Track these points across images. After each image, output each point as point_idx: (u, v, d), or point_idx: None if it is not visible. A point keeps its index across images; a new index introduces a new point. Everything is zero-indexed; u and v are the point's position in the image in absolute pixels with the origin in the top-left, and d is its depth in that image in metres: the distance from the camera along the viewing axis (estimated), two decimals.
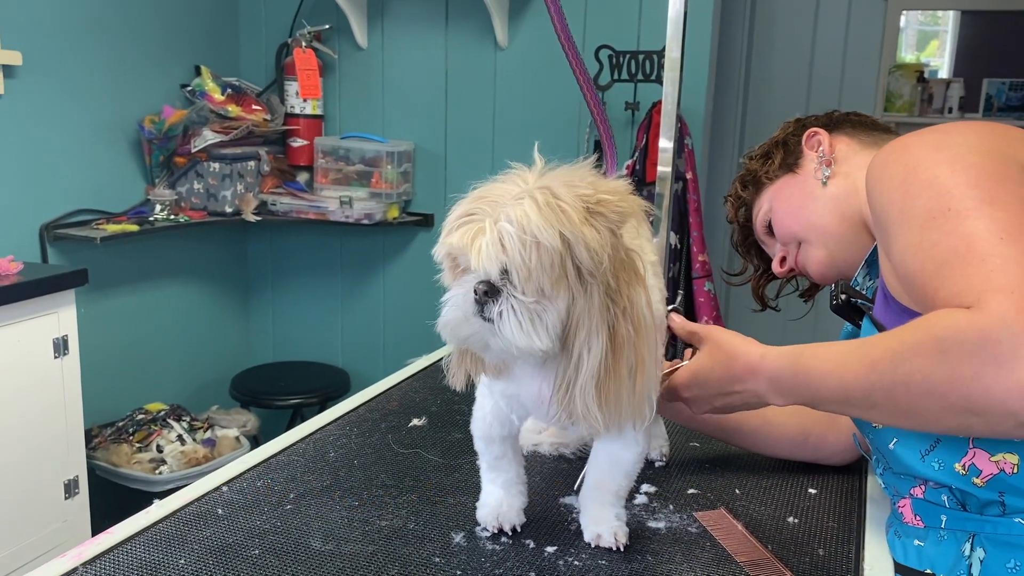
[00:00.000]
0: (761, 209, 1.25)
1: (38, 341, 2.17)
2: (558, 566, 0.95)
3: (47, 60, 2.59)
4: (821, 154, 1.18)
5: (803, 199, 1.19)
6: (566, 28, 0.88)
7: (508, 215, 0.82)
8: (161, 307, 3.11)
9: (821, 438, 1.22)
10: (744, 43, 3.55)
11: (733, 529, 1.04)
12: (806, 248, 1.19)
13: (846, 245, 1.15)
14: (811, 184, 1.18)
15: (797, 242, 1.21)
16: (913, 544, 0.98)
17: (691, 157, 2.76)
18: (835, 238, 1.16)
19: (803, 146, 1.22)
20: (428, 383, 1.54)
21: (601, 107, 0.92)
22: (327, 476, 1.15)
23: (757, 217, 1.26)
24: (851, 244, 1.15)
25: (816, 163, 1.19)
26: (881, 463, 1.06)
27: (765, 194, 1.25)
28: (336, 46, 3.24)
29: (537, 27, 3.01)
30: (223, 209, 2.99)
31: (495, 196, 0.85)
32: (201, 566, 0.93)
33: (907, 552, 0.99)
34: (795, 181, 1.21)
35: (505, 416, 0.98)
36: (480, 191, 0.87)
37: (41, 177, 2.62)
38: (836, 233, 1.15)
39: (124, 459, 2.68)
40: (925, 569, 0.96)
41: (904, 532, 1.00)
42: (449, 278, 0.88)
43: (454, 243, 0.84)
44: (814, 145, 1.20)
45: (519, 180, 0.88)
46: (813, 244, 1.18)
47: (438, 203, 3.22)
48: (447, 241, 0.85)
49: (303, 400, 3.08)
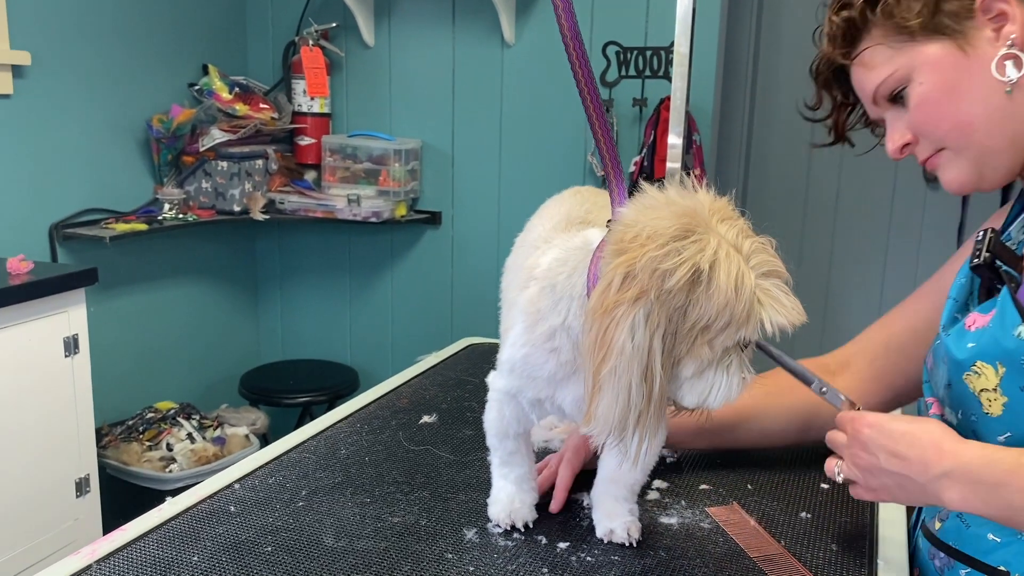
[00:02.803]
0: (894, 73, 0.93)
1: (48, 340, 2.17)
2: (571, 562, 0.95)
3: (55, 60, 2.59)
4: (1009, 42, 0.87)
5: (971, 99, 0.89)
6: (576, 31, 0.84)
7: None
8: (170, 306, 3.12)
9: (826, 422, 1.14)
10: (752, 38, 3.53)
11: (746, 524, 1.04)
12: (950, 157, 0.94)
13: (1004, 172, 0.92)
14: (986, 81, 0.88)
15: (939, 143, 0.94)
16: (987, 536, 0.91)
17: (699, 153, 2.75)
18: (995, 162, 0.91)
19: (976, 10, 0.88)
20: (438, 380, 1.54)
21: (608, 127, 0.87)
22: (338, 473, 1.15)
23: (879, 75, 0.94)
24: (1010, 170, 0.92)
25: (997, 50, 0.88)
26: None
27: (906, 53, 0.92)
28: (343, 44, 3.24)
29: (544, 24, 3.01)
30: (231, 208, 2.99)
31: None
32: (214, 563, 0.93)
33: (979, 544, 0.91)
34: (962, 64, 0.89)
35: (524, 414, 0.97)
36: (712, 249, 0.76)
37: (50, 177, 2.62)
38: (999, 157, 0.91)
39: (134, 457, 2.69)
40: (998, 565, 0.89)
41: (975, 521, 0.91)
42: (709, 352, 0.77)
43: (793, 318, 0.76)
44: (998, 19, 0.88)
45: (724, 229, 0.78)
46: (962, 158, 0.92)
47: (446, 201, 3.22)
48: (778, 320, 0.76)
49: (312, 398, 3.08)
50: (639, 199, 0.82)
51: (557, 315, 0.87)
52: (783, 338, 0.78)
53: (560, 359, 0.89)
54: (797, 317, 0.76)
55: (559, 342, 0.88)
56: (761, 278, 0.76)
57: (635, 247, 0.76)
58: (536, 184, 3.05)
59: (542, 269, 0.91)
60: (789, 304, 0.76)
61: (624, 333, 0.75)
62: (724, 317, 0.75)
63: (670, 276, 0.74)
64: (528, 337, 0.90)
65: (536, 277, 0.91)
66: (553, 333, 0.88)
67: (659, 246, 0.75)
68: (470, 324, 3.15)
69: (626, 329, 0.75)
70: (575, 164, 3.03)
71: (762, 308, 0.75)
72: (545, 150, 3.06)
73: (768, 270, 0.77)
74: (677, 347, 0.76)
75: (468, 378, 1.54)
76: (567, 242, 0.92)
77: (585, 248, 0.88)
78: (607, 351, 0.76)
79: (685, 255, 0.74)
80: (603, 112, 0.88)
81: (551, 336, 0.88)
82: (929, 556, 0.99)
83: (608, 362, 0.76)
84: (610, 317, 0.75)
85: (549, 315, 0.88)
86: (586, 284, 0.85)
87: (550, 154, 3.06)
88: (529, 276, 0.92)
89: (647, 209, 0.79)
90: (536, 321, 0.89)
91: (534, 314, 0.89)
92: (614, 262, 0.77)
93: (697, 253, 0.74)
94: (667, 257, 0.74)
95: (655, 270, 0.74)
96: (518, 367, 0.93)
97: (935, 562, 0.98)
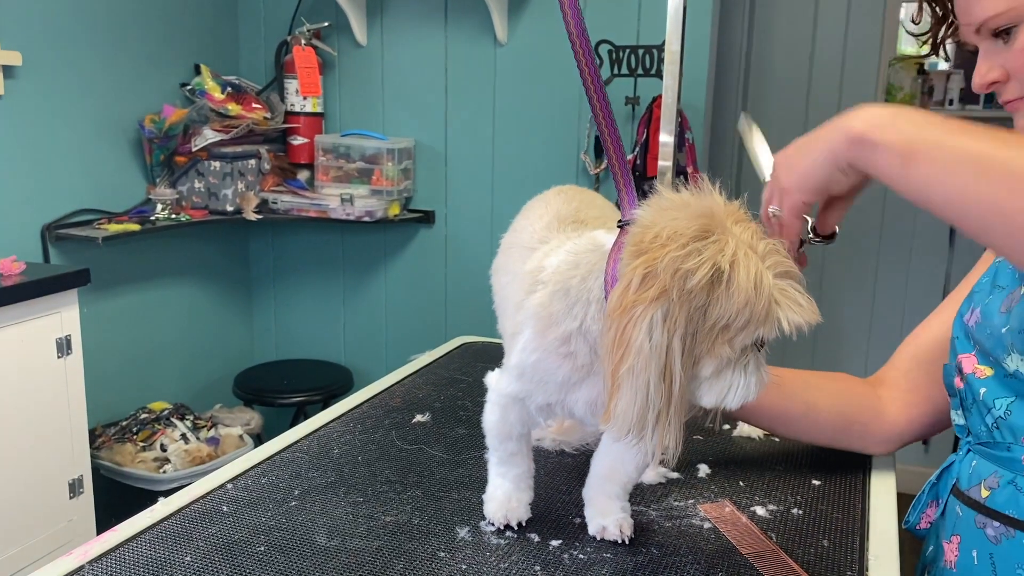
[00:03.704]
0: (1011, 9, 0.88)
1: (41, 341, 2.17)
2: (563, 559, 0.95)
3: (47, 60, 2.59)
4: None
5: None
6: (582, 28, 0.83)
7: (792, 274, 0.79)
8: (163, 306, 3.12)
9: (864, 427, 1.19)
10: (744, 36, 3.54)
11: (738, 521, 1.04)
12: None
13: None
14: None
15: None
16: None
17: (692, 151, 2.76)
18: None
19: None
20: (431, 379, 1.54)
21: (615, 127, 0.87)
22: (331, 472, 1.16)
23: (995, 7, 0.89)
24: None
25: None
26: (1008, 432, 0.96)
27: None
28: (336, 43, 3.24)
29: (537, 23, 3.01)
30: (224, 208, 2.99)
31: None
32: (207, 563, 0.93)
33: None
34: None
35: (530, 417, 0.97)
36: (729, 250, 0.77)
37: (42, 177, 2.62)
38: None
39: (128, 458, 2.69)
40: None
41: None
42: (729, 351, 0.78)
43: (810, 318, 0.77)
44: None
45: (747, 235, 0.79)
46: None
47: (439, 200, 3.22)
48: (795, 320, 0.76)
49: (306, 398, 3.08)
50: (654, 200, 0.82)
51: (573, 319, 0.86)
52: (782, 338, 0.79)
53: (576, 363, 0.88)
54: (813, 317, 0.78)
55: (575, 346, 0.87)
56: (777, 278, 0.77)
57: (655, 247, 0.76)
58: (529, 183, 3.04)
59: (549, 272, 0.89)
60: (805, 304, 0.77)
61: (642, 332, 0.75)
62: (744, 316, 0.75)
63: (691, 276, 0.74)
64: (540, 342, 0.89)
65: (544, 281, 0.89)
66: (568, 337, 0.87)
67: (680, 246, 0.75)
68: (463, 323, 3.15)
69: (644, 328, 0.75)
70: (568, 162, 3.03)
71: (779, 308, 0.77)
72: (538, 149, 3.07)
73: (783, 270, 0.78)
74: (697, 346, 0.77)
75: (461, 377, 1.54)
76: (573, 244, 0.92)
77: (597, 250, 0.87)
78: (625, 350, 0.76)
79: (706, 255, 0.75)
80: (611, 112, 0.87)
81: (566, 340, 0.87)
82: (978, 525, 0.98)
83: (626, 361, 0.77)
84: (628, 316, 0.76)
85: (563, 319, 0.87)
86: (603, 287, 0.84)
87: (543, 153, 3.06)
88: (535, 280, 0.90)
89: (664, 211, 0.80)
90: (548, 326, 0.88)
91: (546, 318, 0.88)
92: (633, 263, 0.77)
93: (717, 253, 0.75)
94: (688, 257, 0.75)
95: (677, 270, 0.75)
96: (528, 372, 0.92)
97: (987, 531, 0.96)
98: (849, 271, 3.53)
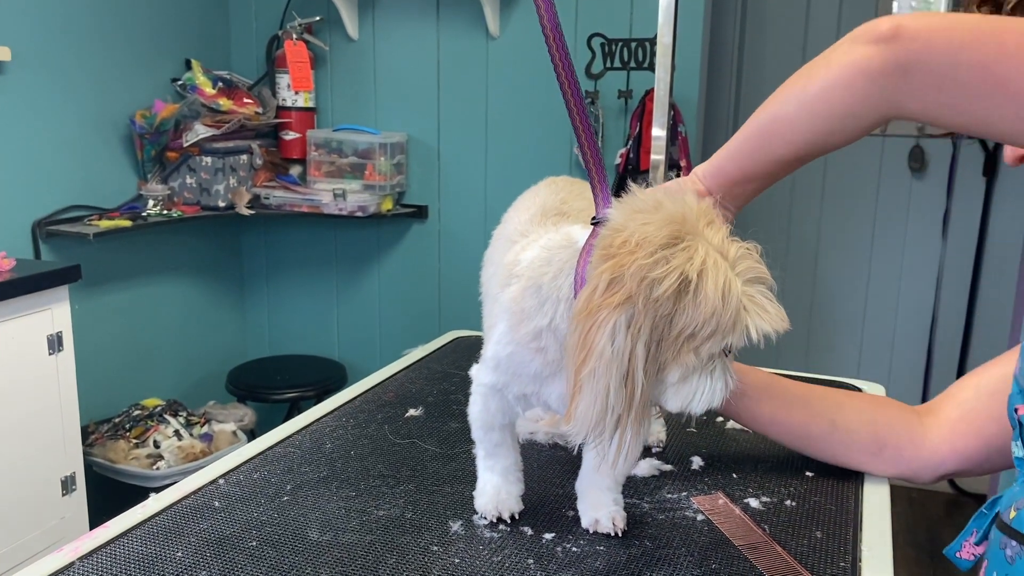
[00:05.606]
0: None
1: (32, 338, 2.16)
2: (556, 552, 0.95)
3: (36, 55, 2.57)
4: None
5: None
6: (557, 28, 0.83)
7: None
8: (156, 302, 3.11)
9: (898, 451, 1.12)
10: (736, 29, 3.54)
11: (731, 513, 1.04)
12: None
13: None
14: None
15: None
16: None
17: (685, 144, 2.76)
18: None
19: None
20: (424, 373, 1.54)
21: (589, 125, 0.86)
22: (324, 467, 1.15)
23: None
24: None
25: None
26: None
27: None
28: (327, 38, 3.23)
29: (529, 16, 3.00)
30: (216, 203, 2.98)
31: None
32: (198, 558, 0.92)
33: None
34: None
35: (510, 406, 0.98)
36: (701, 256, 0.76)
37: (32, 173, 2.60)
38: None
39: (121, 455, 2.68)
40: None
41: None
42: (695, 359, 0.77)
43: (777, 326, 0.77)
44: None
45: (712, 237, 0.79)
46: None
47: (432, 194, 3.21)
48: (763, 327, 0.76)
49: (300, 393, 3.08)
50: (627, 201, 0.81)
51: (543, 316, 0.87)
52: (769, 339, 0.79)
53: (546, 358, 0.89)
54: (781, 324, 0.77)
55: (545, 342, 0.88)
56: (747, 284, 0.77)
57: (624, 253, 0.76)
58: (522, 176, 3.03)
59: (523, 266, 0.90)
60: (773, 311, 0.77)
61: (605, 337, 0.75)
62: (711, 325, 0.75)
63: (658, 284, 0.74)
64: (512, 336, 0.90)
65: (517, 275, 0.90)
66: (539, 333, 0.88)
67: (648, 254, 0.75)
68: (457, 317, 3.15)
69: (607, 333, 0.75)
70: (561, 156, 3.03)
71: (748, 315, 0.76)
72: (531, 142, 3.06)
73: (753, 276, 0.78)
74: (662, 353, 0.77)
75: (454, 371, 1.53)
76: (548, 239, 0.92)
77: (570, 247, 0.87)
78: (588, 353, 0.77)
79: (674, 263, 0.74)
80: (585, 110, 0.87)
81: (537, 336, 0.88)
82: (1000, 546, 0.97)
83: (588, 364, 0.77)
84: (592, 319, 0.76)
85: (535, 316, 0.87)
86: (573, 286, 0.84)
87: (536, 146, 3.06)
88: (510, 273, 0.91)
89: (636, 213, 0.79)
90: (520, 320, 0.89)
91: (518, 313, 0.89)
92: (601, 267, 0.77)
93: (686, 262, 0.75)
94: (656, 266, 0.75)
95: (643, 278, 0.74)
96: (503, 364, 0.93)
97: (1006, 551, 0.95)
98: (844, 252, 3.54)
